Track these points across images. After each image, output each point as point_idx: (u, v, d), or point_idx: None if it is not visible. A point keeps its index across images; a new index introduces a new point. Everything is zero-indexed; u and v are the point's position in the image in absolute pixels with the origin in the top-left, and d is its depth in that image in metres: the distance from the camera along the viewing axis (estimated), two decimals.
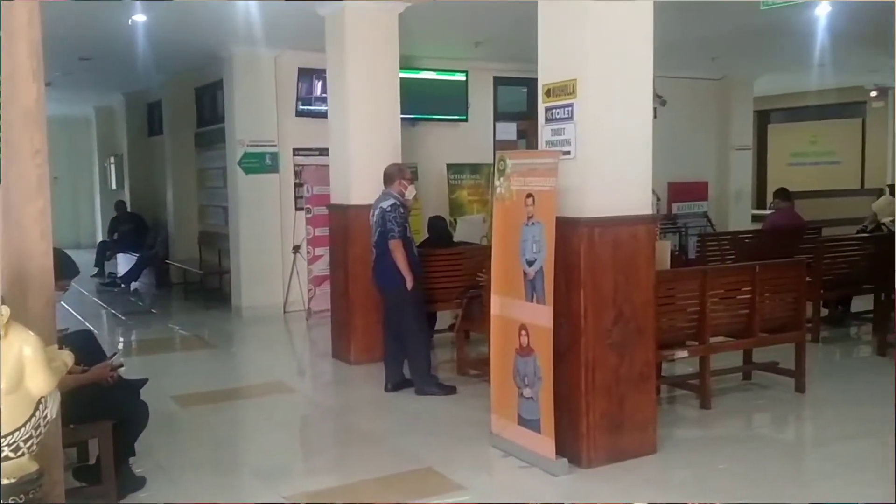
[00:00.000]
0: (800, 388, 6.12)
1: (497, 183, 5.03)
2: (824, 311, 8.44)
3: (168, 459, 4.95)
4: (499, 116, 11.57)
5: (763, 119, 18.61)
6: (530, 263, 4.70)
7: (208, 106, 11.50)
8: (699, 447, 5.12)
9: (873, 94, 15.53)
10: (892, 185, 12.27)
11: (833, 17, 8.28)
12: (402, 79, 7.68)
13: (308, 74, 9.79)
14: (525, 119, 11.20)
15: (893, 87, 13.20)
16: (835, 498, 4.28)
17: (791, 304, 6.17)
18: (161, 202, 13.27)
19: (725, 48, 10.90)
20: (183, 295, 11.86)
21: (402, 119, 7.61)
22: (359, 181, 7.10)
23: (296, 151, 10.06)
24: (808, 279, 6.66)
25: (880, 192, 12.43)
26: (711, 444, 5.21)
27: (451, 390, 6.26)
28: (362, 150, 7.16)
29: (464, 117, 11.07)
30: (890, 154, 13.29)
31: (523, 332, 4.77)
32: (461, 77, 10.96)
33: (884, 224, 9.27)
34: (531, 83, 4.91)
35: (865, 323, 8.52)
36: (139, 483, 4.49)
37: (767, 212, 10.68)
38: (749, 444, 5.26)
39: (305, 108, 9.91)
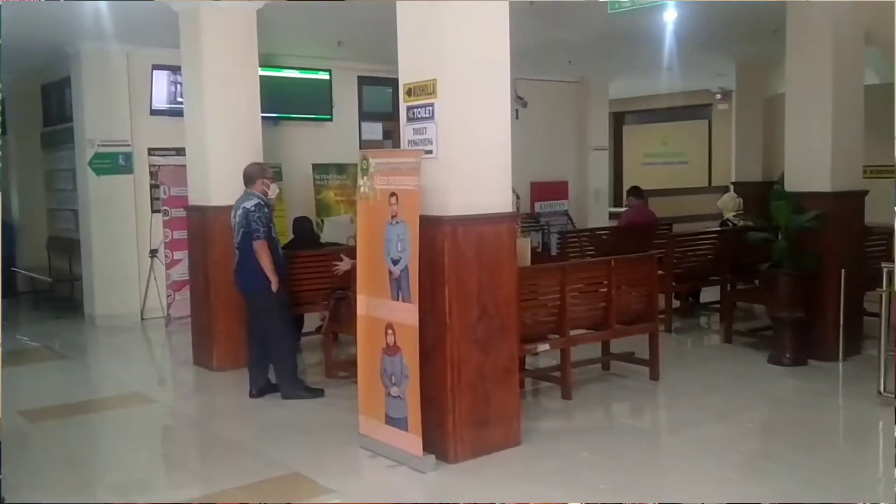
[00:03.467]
0: (654, 376, 6.42)
1: (361, 182, 5.01)
2: (676, 303, 8.89)
3: (17, 480, 4.63)
4: (364, 116, 11.54)
5: (618, 121, 19.43)
6: (395, 262, 4.70)
7: (56, 104, 10.86)
8: (562, 437, 5.27)
9: (718, 97, 16.50)
10: (735, 183, 13.09)
11: (680, 23, 8.73)
12: (263, 77, 7.54)
13: (163, 71, 9.42)
14: (391, 119, 11.19)
15: (735, 91, 14.02)
16: (690, 482, 4.51)
17: (644, 296, 6.46)
18: (5, 207, 12.42)
19: (581, 52, 11.31)
20: (31, 304, 11.15)
21: (263, 118, 7.46)
22: (218, 182, 6.91)
23: (151, 151, 9.67)
24: (659, 273, 7.00)
25: (725, 190, 13.22)
26: (573, 433, 5.39)
27: (318, 393, 6.19)
28: (221, 149, 6.97)
29: (329, 117, 10.98)
30: (733, 154, 14.15)
31: (390, 331, 4.77)
32: (325, 76, 10.86)
33: (728, 220, 9.85)
34: (396, 83, 4.92)
35: (714, 313, 9.04)
36: None
37: (623, 209, 11.16)
38: (609, 433, 5.48)
39: (160, 106, 9.53)
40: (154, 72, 9.44)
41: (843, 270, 6.63)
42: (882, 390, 5.69)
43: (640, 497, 4.26)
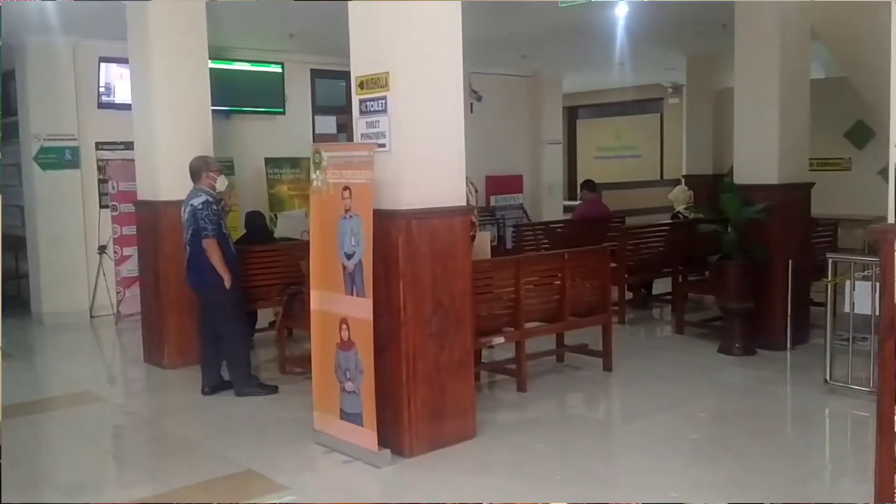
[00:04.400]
0: (607, 367, 6.49)
1: (313, 176, 4.97)
2: (629, 295, 9.00)
3: None
4: (318, 110, 11.44)
5: (572, 115, 19.56)
6: (349, 257, 4.68)
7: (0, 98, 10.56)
8: (517, 429, 5.30)
9: (669, 91, 16.70)
10: (686, 176, 13.27)
11: (631, 17, 8.80)
12: (213, 70, 7.43)
13: (110, 64, 9.23)
14: (345, 112, 11.04)
15: (685, 85, 14.21)
16: (643, 471, 4.57)
17: (598, 288, 6.52)
18: None
19: (534, 46, 11.34)
20: None
21: (214, 111, 7.36)
22: (167, 176, 6.79)
23: (99, 145, 9.45)
24: (613, 265, 7.08)
25: (677, 183, 13.39)
26: (528, 425, 5.42)
27: (272, 390, 6.13)
28: (170, 143, 6.86)
29: (281, 110, 10.86)
30: (684, 147, 14.36)
31: (344, 326, 4.75)
32: (277, 69, 10.74)
33: (679, 212, 9.98)
34: (349, 76, 4.89)
35: (666, 304, 9.16)
36: None
37: (577, 203, 11.24)
38: (563, 424, 5.53)
39: (108, 99, 9.33)
40: (101, 64, 9.24)
41: (790, 261, 6.76)
42: (828, 378, 5.83)
43: (593, 487, 4.30)
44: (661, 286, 9.26)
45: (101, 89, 9.30)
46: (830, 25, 7.98)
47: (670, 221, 9.64)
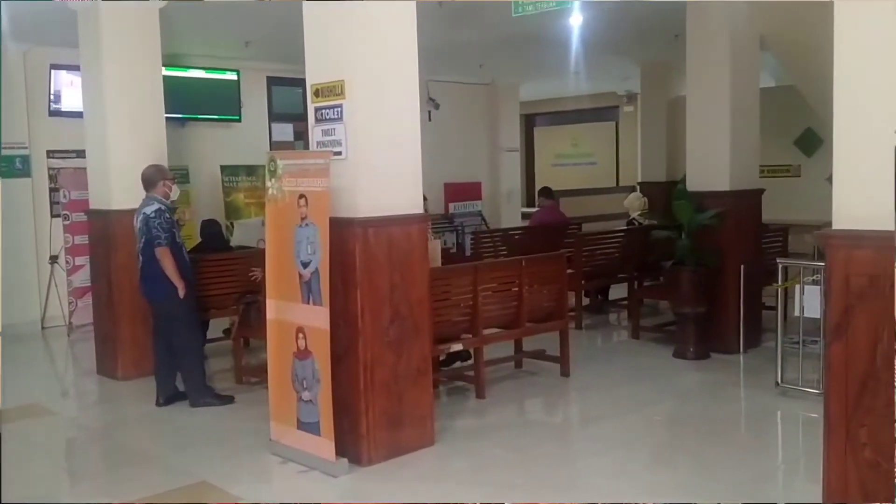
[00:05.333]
0: (565, 372, 6.54)
1: (269, 184, 4.94)
2: (586, 301, 9.08)
3: None
4: (274, 117, 11.39)
5: (529, 122, 19.71)
6: (305, 265, 4.65)
7: None
8: (475, 436, 5.30)
9: (624, 99, 16.91)
10: (641, 183, 13.45)
11: (586, 26, 8.91)
12: (167, 77, 7.36)
13: (60, 71, 9.07)
14: (302, 120, 10.94)
15: (640, 93, 14.42)
16: (601, 475, 4.61)
17: (555, 294, 6.57)
18: None
19: (491, 54, 11.42)
20: None
21: (168, 119, 7.28)
22: (120, 184, 6.70)
23: (50, 154, 9.28)
24: (569, 271, 7.14)
25: (632, 190, 13.56)
26: (487, 432, 5.43)
27: (228, 400, 6.06)
28: (123, 151, 6.76)
29: (237, 118, 10.79)
30: (639, 155, 14.56)
31: (300, 335, 4.72)
32: (233, 76, 10.67)
33: (634, 219, 10.11)
34: (306, 84, 4.86)
35: (622, 309, 9.26)
36: None
37: (535, 209, 11.32)
38: (521, 430, 5.55)
39: (59, 107, 9.17)
40: (53, 71, 9.08)
41: (741, 266, 6.89)
42: (779, 381, 5.94)
43: (552, 492, 4.32)
44: (617, 292, 9.36)
45: (52, 97, 9.14)
46: (779, 35, 8.18)
47: (626, 228, 9.76)
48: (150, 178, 5.98)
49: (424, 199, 5.26)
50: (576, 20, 8.53)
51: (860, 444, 3.15)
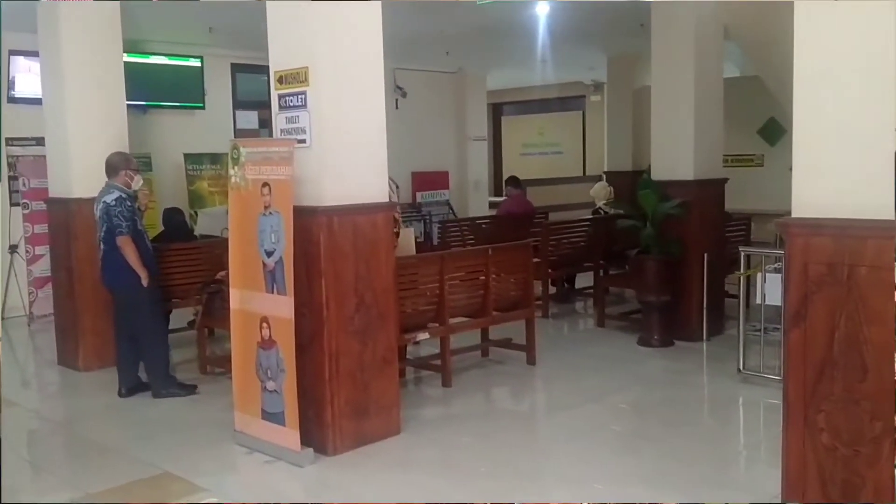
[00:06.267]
0: (531, 361, 6.57)
1: (232, 172, 4.89)
2: (552, 289, 9.12)
3: None
4: (239, 104, 11.28)
5: (497, 112, 19.73)
6: (269, 254, 4.61)
7: None
8: (441, 425, 5.31)
9: (591, 88, 16.99)
10: (607, 173, 13.53)
11: (552, 16, 8.92)
12: (129, 63, 7.23)
13: (18, 57, 8.88)
14: (267, 108, 10.81)
15: (606, 83, 14.48)
16: (567, 462, 4.64)
17: (521, 283, 6.59)
18: None
19: (458, 43, 11.39)
20: None
21: (130, 106, 7.16)
22: (80, 172, 6.58)
23: (9, 141, 9.08)
24: (536, 260, 7.17)
25: (599, 179, 13.64)
26: (453, 420, 5.45)
27: (191, 389, 6.00)
28: (83, 138, 6.64)
29: (201, 105, 10.66)
30: (605, 144, 14.64)
31: (265, 325, 4.68)
32: (196, 63, 10.54)
33: (600, 208, 10.17)
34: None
35: (588, 298, 9.32)
36: None
37: (502, 199, 11.33)
38: (488, 418, 5.57)
39: (18, 94, 8.98)
40: (11, 57, 8.89)
41: (705, 255, 6.96)
42: (741, 368, 6.02)
43: (519, 480, 4.34)
44: (584, 280, 9.42)
45: (10, 83, 8.95)
46: (743, 26, 8.24)
47: (591, 217, 9.81)
48: (114, 166, 5.87)
49: (397, 186, 5.24)
50: (542, 9, 8.54)
51: (818, 429, 3.21)
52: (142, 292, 5.80)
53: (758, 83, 9.88)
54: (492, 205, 14.09)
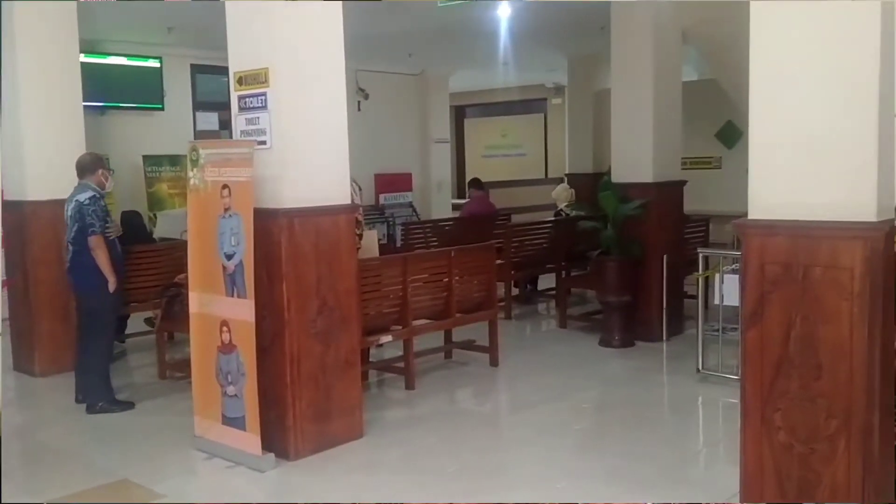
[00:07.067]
0: (494, 362, 6.59)
1: (191, 174, 4.83)
2: (515, 290, 9.16)
3: None
4: (199, 106, 11.16)
5: (460, 114, 19.76)
6: (229, 257, 4.57)
7: None
8: (405, 427, 5.30)
9: (552, 91, 17.11)
10: (569, 175, 13.62)
11: (513, 18, 8.96)
12: (86, 64, 7.12)
13: None
14: (227, 109, 10.76)
15: (567, 86, 14.59)
16: (530, 461, 4.66)
17: (484, 285, 6.61)
18: None
19: (420, 44, 11.40)
20: None
21: (86, 107, 7.04)
22: (35, 174, 6.48)
23: None
24: (499, 261, 7.19)
25: (560, 181, 13.74)
26: (417, 422, 5.44)
27: (128, 406, 5.74)
28: (38, 140, 6.52)
29: (160, 106, 10.53)
30: (567, 146, 14.75)
31: (225, 329, 4.63)
32: (155, 63, 10.41)
33: (562, 210, 10.24)
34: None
35: (550, 299, 9.38)
36: None
37: (465, 201, 11.36)
38: (451, 419, 5.57)
39: None
40: None
41: (664, 256, 7.03)
42: (700, 367, 6.10)
43: (483, 480, 4.35)
44: (546, 282, 9.47)
45: None
46: (701, 29, 8.36)
47: (553, 219, 9.87)
48: (87, 166, 5.68)
49: (360, 188, 5.21)
50: (503, 11, 8.58)
51: (775, 427, 3.25)
52: (105, 298, 5.60)
53: (715, 86, 10.03)
54: (455, 206, 14.11)
